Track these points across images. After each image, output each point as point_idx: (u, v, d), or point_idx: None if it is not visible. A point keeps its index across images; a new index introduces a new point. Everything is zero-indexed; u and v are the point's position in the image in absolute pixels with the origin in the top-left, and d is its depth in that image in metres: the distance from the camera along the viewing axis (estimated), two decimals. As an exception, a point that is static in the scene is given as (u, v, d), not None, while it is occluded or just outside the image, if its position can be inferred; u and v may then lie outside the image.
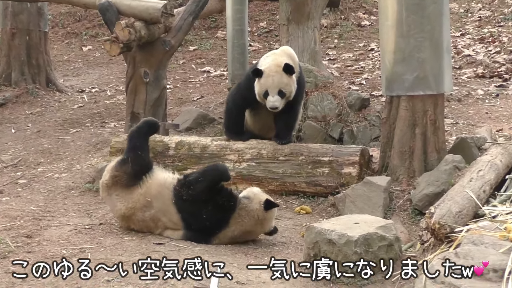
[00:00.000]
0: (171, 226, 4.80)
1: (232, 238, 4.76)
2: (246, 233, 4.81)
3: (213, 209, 4.72)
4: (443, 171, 5.23)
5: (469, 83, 9.67)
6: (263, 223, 4.81)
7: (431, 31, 5.48)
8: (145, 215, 4.79)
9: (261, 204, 4.76)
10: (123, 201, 4.83)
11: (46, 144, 8.13)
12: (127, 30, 6.57)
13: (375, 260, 4.10)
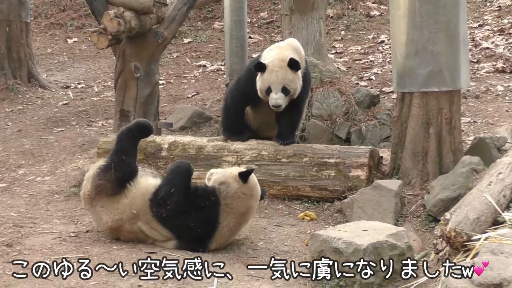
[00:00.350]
0: (162, 239, 4.80)
1: (231, 231, 4.78)
2: (243, 217, 4.82)
3: (198, 213, 4.71)
4: (460, 174, 5.23)
5: (488, 78, 9.67)
6: (252, 195, 4.83)
7: (446, 22, 5.48)
8: (133, 227, 4.79)
9: (238, 180, 4.77)
10: (108, 213, 4.80)
11: (27, 145, 8.13)
12: (116, 21, 6.58)
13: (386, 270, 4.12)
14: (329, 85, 7.66)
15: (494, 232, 4.16)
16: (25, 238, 4.92)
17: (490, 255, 3.82)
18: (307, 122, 7.39)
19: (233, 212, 4.76)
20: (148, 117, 7.38)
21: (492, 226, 4.32)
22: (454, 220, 4.24)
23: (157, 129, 7.05)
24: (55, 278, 4.11)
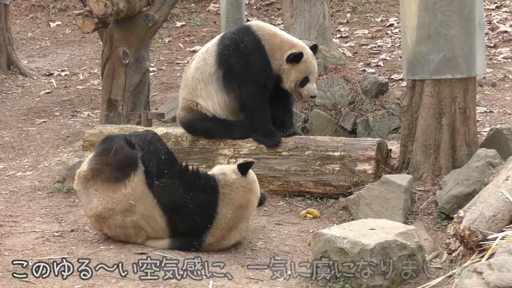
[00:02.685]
0: (155, 235, 4.81)
1: (228, 224, 4.80)
2: (241, 210, 4.84)
3: (197, 195, 4.75)
4: (475, 168, 5.24)
5: (505, 64, 9.69)
6: (251, 189, 4.89)
7: (461, 4, 5.49)
8: (125, 220, 4.80)
9: (237, 172, 4.85)
10: (101, 198, 4.81)
11: (7, 137, 8.14)
12: (103, 3, 6.58)
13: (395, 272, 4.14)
14: (333, 72, 7.68)
15: (511, 231, 4.18)
16: (5, 238, 4.93)
17: (508, 256, 3.83)
18: (310, 112, 7.41)
19: (231, 203, 4.79)
20: (138, 107, 7.40)
21: (510, 224, 4.33)
22: (468, 218, 4.25)
23: (147, 120, 7.06)
24: (37, 280, 4.13)
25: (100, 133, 6.47)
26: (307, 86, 5.95)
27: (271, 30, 6.16)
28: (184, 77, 6.41)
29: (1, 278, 4.17)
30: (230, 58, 6.06)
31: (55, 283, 4.10)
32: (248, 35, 6.08)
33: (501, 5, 12.07)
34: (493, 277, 3.72)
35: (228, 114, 6.15)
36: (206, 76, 6.13)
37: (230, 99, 6.10)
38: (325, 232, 4.30)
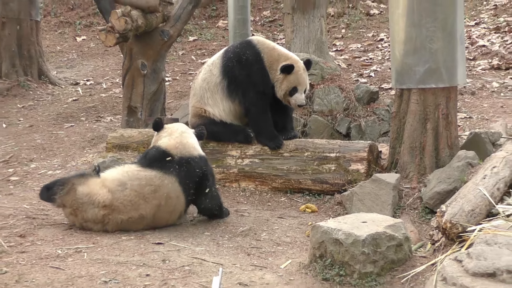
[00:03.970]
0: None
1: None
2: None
3: None
4: (456, 167, 5.25)
5: (483, 75, 9.69)
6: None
7: (444, 20, 5.50)
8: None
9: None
10: None
11: (39, 140, 8.16)
12: (123, 20, 6.60)
13: (384, 260, 4.15)
14: (329, 82, 7.68)
15: (488, 223, 4.18)
16: (38, 229, 4.95)
17: (485, 246, 3.84)
18: (309, 118, 7.41)
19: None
20: (155, 113, 7.42)
21: (486, 218, 4.33)
22: (449, 212, 4.26)
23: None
24: (66, 267, 4.16)
25: (121, 136, 6.51)
26: (295, 95, 5.97)
27: (270, 45, 6.19)
28: (192, 87, 6.43)
29: (35, 265, 4.20)
30: (233, 69, 6.08)
31: (82, 269, 4.12)
32: (250, 48, 6.10)
33: (480, 22, 12.07)
34: (471, 265, 3.73)
35: (233, 119, 6.18)
36: (212, 85, 6.16)
37: (235, 105, 6.12)
38: (322, 225, 4.31)
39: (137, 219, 4.90)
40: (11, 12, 10.74)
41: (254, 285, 3.99)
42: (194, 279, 4.02)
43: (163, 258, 4.33)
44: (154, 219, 4.96)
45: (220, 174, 6.11)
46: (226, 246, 4.70)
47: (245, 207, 5.68)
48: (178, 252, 4.45)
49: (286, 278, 4.16)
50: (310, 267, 4.26)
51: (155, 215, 4.93)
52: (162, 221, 5.00)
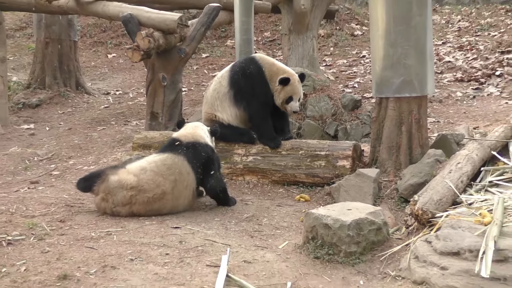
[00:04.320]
0: None
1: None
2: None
3: None
4: (426, 164, 5.24)
5: (449, 86, 9.67)
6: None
7: (416, 40, 5.49)
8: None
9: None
10: None
11: (76, 140, 8.17)
12: (147, 39, 6.60)
13: (366, 241, 4.15)
14: (320, 92, 7.67)
15: (453, 211, 4.18)
16: (75, 215, 4.96)
17: (450, 229, 3.84)
18: (303, 122, 7.40)
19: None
20: (173, 118, 7.41)
21: (452, 206, 4.33)
22: (421, 201, 4.25)
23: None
24: (99, 247, 4.16)
25: (145, 137, 6.50)
26: (291, 103, 5.96)
27: (270, 60, 6.19)
28: (205, 96, 6.43)
29: (72, 245, 4.20)
30: (239, 81, 6.08)
31: (111, 249, 4.12)
32: (253, 64, 6.09)
33: (446, 42, 12.05)
34: (439, 245, 3.73)
35: (239, 123, 6.17)
36: (221, 95, 6.15)
37: (240, 112, 6.12)
38: (314, 212, 4.31)
39: (160, 195, 4.91)
40: (54, 33, 10.75)
41: (256, 263, 3.99)
42: (206, 257, 4.02)
43: (180, 239, 4.32)
44: (173, 194, 4.96)
45: (228, 169, 6.11)
46: (233, 229, 4.70)
47: (249, 197, 5.68)
48: (192, 235, 4.45)
49: (283, 256, 4.16)
50: (303, 247, 4.26)
51: (174, 190, 4.94)
52: (181, 196, 5.00)
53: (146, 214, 4.90)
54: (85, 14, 9.94)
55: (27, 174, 6.64)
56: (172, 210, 4.99)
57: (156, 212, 4.93)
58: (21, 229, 4.51)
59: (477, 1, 15.17)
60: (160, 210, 4.93)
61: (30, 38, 13.82)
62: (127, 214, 4.90)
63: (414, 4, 5.43)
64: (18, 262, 3.90)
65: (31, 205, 5.23)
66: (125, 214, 4.90)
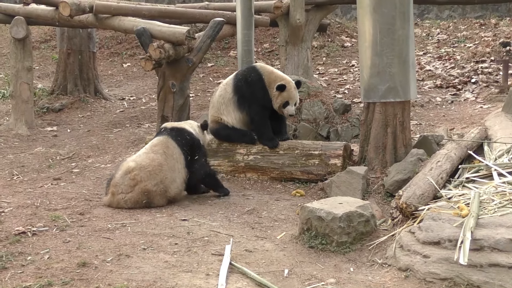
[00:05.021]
0: None
1: None
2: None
3: None
4: (409, 162, 5.22)
5: (429, 92, 9.65)
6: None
7: (399, 51, 5.47)
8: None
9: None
10: None
11: (94, 141, 8.15)
12: (159, 50, 6.58)
13: (356, 232, 4.13)
14: (314, 97, 7.64)
15: (434, 204, 4.17)
16: (93, 209, 4.94)
17: (431, 221, 3.82)
18: (298, 124, 7.38)
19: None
20: (182, 121, 7.37)
21: (433, 200, 4.32)
22: (405, 196, 4.24)
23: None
24: (115, 237, 4.14)
25: (156, 138, 6.46)
26: (287, 108, 5.93)
27: (269, 69, 6.17)
28: (211, 101, 6.42)
29: (91, 236, 4.19)
30: (242, 88, 6.06)
31: (126, 239, 4.10)
32: (254, 72, 6.08)
33: (427, 52, 12.02)
34: (421, 236, 3.71)
35: (242, 126, 6.14)
36: (226, 100, 6.13)
37: (243, 115, 6.09)
38: (308, 205, 4.30)
39: (158, 166, 4.98)
40: (75, 45, 10.73)
41: (257, 252, 3.97)
42: (211, 247, 4.00)
43: (188, 231, 4.31)
44: (168, 165, 5.03)
45: (230, 167, 6.08)
46: (235, 222, 4.68)
47: (250, 192, 5.65)
48: (199, 226, 4.43)
49: (281, 246, 4.15)
50: (299, 237, 4.25)
51: (167, 161, 5.03)
52: (175, 168, 5.07)
53: (154, 191, 4.89)
54: (103, 28, 9.92)
55: (50, 171, 6.62)
56: (172, 182, 5.02)
57: (162, 185, 4.94)
58: (45, 221, 4.50)
59: (454, 16, 15.16)
60: (164, 181, 4.97)
61: (53, 49, 13.78)
62: (138, 198, 4.87)
63: (397, 18, 5.42)
64: (42, 251, 3.89)
65: (54, 199, 5.22)
66: (136, 197, 4.87)
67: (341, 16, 15.46)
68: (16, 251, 3.86)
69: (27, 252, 3.86)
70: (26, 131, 8.74)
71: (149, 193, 4.90)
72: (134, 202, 4.89)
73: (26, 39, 8.99)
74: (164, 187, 4.97)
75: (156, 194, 4.94)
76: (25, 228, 4.26)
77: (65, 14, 7.37)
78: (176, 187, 5.08)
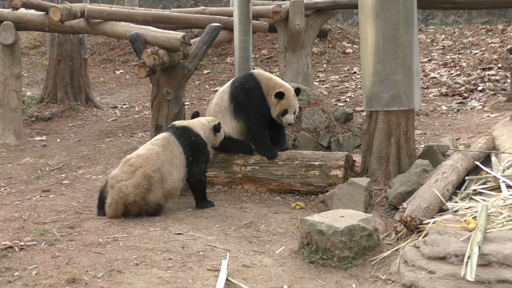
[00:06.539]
0: None
1: None
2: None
3: None
4: (414, 173, 5.23)
5: (434, 100, 9.68)
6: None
7: (403, 58, 5.49)
8: None
9: None
10: None
11: (85, 151, 8.14)
12: (153, 57, 6.58)
13: (358, 247, 4.12)
14: (314, 105, 7.65)
15: (440, 217, 4.16)
16: (84, 222, 4.93)
17: (437, 235, 3.82)
18: (298, 134, 7.38)
19: None
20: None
21: (438, 213, 4.32)
22: (409, 208, 4.24)
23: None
24: (106, 252, 4.12)
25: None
26: (286, 116, 5.94)
27: (267, 76, 6.18)
28: (207, 109, 6.43)
29: (81, 251, 4.17)
30: (239, 96, 6.07)
31: (118, 254, 4.09)
32: (251, 79, 6.09)
33: (431, 59, 12.07)
34: (427, 250, 3.71)
35: (239, 135, 6.14)
36: (222, 109, 6.14)
37: (240, 124, 6.09)
38: (309, 219, 4.29)
39: (155, 155, 5.12)
40: (65, 51, 10.74)
41: (254, 267, 3.96)
42: (207, 262, 3.99)
43: (183, 245, 4.30)
44: (165, 156, 5.14)
45: (227, 178, 6.08)
46: (232, 235, 4.67)
47: (248, 204, 5.65)
48: (194, 241, 4.42)
49: (280, 261, 4.13)
50: (299, 252, 4.23)
51: (164, 152, 5.16)
52: (172, 162, 5.18)
53: (153, 177, 4.98)
54: (94, 33, 9.93)
55: (39, 183, 6.61)
56: (169, 174, 5.12)
57: (159, 173, 5.03)
58: (33, 235, 4.48)
59: (459, 22, 15.24)
60: (161, 169, 5.07)
61: (43, 56, 13.80)
62: (139, 181, 4.93)
63: (401, 24, 5.44)
64: (29, 266, 3.87)
65: (42, 212, 5.20)
66: (137, 181, 4.93)
67: (342, 22, 15.53)
68: (2, 266, 3.84)
69: (14, 268, 3.84)
70: (14, 140, 8.73)
71: (149, 178, 5.01)
72: (135, 186, 4.96)
73: (15, 45, 9.00)
74: (161, 175, 5.08)
75: (154, 181, 5.02)
76: (12, 243, 4.24)
77: (56, 19, 7.39)
78: (172, 181, 5.16)
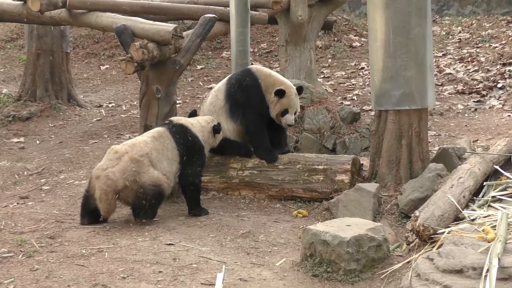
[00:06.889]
0: None
1: None
2: None
3: None
4: (427, 178, 5.23)
5: (450, 98, 9.69)
6: None
7: (415, 52, 5.50)
8: None
9: None
10: None
11: (67, 154, 8.14)
12: (141, 51, 6.58)
13: (366, 259, 4.12)
14: (318, 104, 7.66)
15: (455, 226, 4.17)
16: (65, 231, 4.93)
17: (453, 246, 3.82)
18: (300, 135, 7.39)
19: None
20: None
21: (454, 221, 4.32)
22: (422, 217, 4.24)
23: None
24: (90, 264, 4.12)
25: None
26: (286, 116, 5.95)
27: (267, 72, 6.18)
28: (202, 109, 6.44)
29: (62, 263, 4.17)
30: (235, 94, 6.07)
31: (103, 266, 4.09)
32: (249, 75, 6.10)
33: (447, 53, 12.09)
34: (441, 263, 3.71)
35: (236, 137, 6.15)
36: (218, 108, 6.15)
37: (237, 125, 6.10)
38: (312, 228, 4.29)
39: (143, 142, 5.26)
40: (45, 45, 10.73)
41: (253, 281, 3.96)
42: (200, 275, 3.99)
43: (174, 257, 4.30)
44: (154, 147, 5.25)
45: (223, 184, 6.08)
46: (228, 246, 4.67)
47: (245, 212, 5.65)
48: (186, 252, 4.42)
49: (280, 274, 4.13)
50: (301, 265, 4.24)
51: (154, 143, 5.27)
52: (163, 155, 5.28)
53: (141, 161, 5.08)
54: (78, 25, 9.92)
55: (17, 189, 6.61)
56: (158, 162, 5.22)
57: (148, 158, 5.14)
58: (10, 246, 4.48)
59: (477, 12, 15.25)
60: (150, 156, 5.18)
61: (21, 50, 13.79)
62: (126, 165, 5.02)
63: (413, 15, 5.45)
64: (5, 280, 3.87)
65: (20, 221, 5.20)
66: (125, 165, 5.02)
67: (349, 12, 15.54)
68: (-24, 280, 3.84)
69: (-12, 282, 3.84)
70: (-12, 142, 8.73)
71: (137, 161, 5.10)
72: (122, 170, 5.03)
73: (-10, 37, 9.01)
74: (150, 161, 5.17)
75: (143, 164, 5.11)
76: (-13, 254, 4.24)
77: (35, 9, 7.38)
78: (163, 170, 5.23)
